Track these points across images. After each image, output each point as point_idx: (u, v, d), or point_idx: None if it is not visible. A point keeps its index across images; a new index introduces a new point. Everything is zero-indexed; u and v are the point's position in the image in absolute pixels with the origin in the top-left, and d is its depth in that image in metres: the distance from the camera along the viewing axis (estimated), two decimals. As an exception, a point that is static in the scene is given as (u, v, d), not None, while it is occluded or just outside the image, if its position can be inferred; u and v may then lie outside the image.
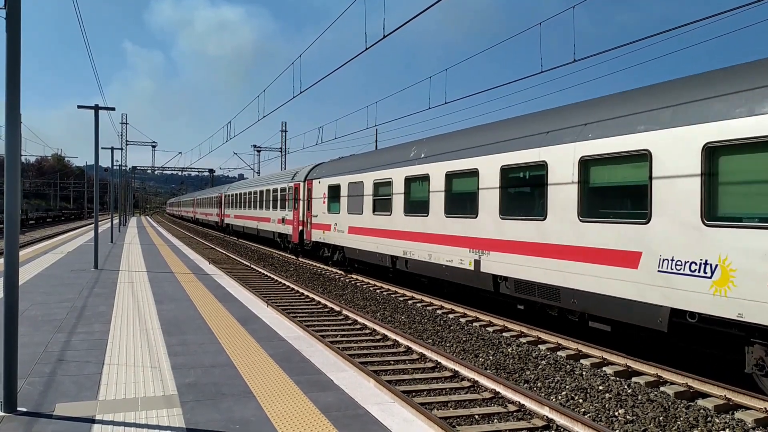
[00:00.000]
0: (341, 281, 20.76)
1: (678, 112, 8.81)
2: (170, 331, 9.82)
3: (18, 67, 5.99)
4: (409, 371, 9.57)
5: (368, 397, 6.61)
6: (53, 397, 6.41)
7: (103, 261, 21.81)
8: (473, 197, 13.73)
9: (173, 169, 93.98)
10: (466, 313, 14.36)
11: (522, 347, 11.19)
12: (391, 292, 18.09)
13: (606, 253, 9.83)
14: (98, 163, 21.69)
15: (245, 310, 12.05)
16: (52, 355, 8.18)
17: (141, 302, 12.73)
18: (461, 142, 14.83)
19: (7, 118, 5.96)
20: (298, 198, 27.97)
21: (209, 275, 18.29)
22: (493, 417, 7.54)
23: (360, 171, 20.68)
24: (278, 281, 20.19)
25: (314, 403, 6.37)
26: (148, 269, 19.45)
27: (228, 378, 7.24)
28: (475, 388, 8.67)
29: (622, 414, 7.73)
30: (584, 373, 9.54)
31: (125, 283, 15.75)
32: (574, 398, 8.35)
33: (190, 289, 15.01)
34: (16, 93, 5.97)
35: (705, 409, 7.99)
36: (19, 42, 6.03)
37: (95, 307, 11.98)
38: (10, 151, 6.01)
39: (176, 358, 8.15)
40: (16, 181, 6.03)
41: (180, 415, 5.92)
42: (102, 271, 18.74)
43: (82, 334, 9.53)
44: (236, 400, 6.42)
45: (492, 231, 12.93)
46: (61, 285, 15.20)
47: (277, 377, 7.31)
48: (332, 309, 14.86)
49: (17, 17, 6.04)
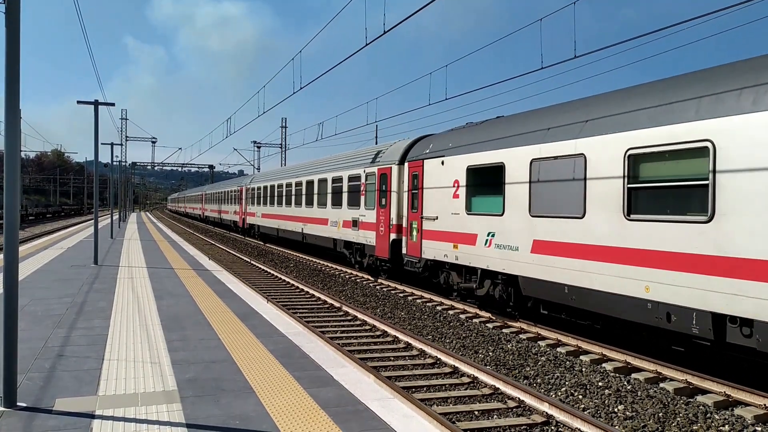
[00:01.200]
0: (341, 277, 20.76)
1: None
2: (170, 327, 9.82)
3: (17, 62, 5.98)
4: (408, 367, 9.57)
5: (368, 393, 6.62)
6: (53, 392, 6.41)
7: (103, 257, 21.81)
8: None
9: (173, 165, 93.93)
10: (466, 309, 14.36)
11: (522, 343, 11.20)
12: (391, 288, 18.09)
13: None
14: (98, 158, 21.66)
15: (245, 306, 12.06)
16: (51, 350, 8.18)
17: (141, 298, 12.73)
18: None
19: (6, 114, 5.95)
20: (389, 189, 18.38)
21: (209, 271, 18.29)
22: (492, 413, 7.55)
23: (599, 132, 10.20)
24: (278, 277, 20.19)
25: (314, 398, 6.37)
26: (147, 265, 19.44)
27: (228, 373, 7.24)
28: (474, 384, 8.68)
29: (622, 410, 7.74)
30: (584, 369, 9.55)
31: (125, 279, 15.75)
32: (573, 394, 8.36)
33: (189, 284, 15.02)
34: (15, 88, 5.96)
35: (704, 405, 8.00)
36: (19, 37, 6.01)
37: (95, 303, 11.98)
38: (10, 147, 5.99)
39: (176, 353, 8.15)
40: (15, 176, 6.02)
41: (180, 410, 5.92)
42: (102, 266, 18.73)
43: (81, 329, 9.53)
44: (236, 395, 6.42)
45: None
46: (61, 280, 15.19)
47: (277, 373, 7.31)
48: (332, 305, 14.87)
49: (17, 12, 6.02)
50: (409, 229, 16.85)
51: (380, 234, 18.84)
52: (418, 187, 16.39)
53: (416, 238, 16.21)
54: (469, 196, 14.00)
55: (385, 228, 18.50)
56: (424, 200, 15.93)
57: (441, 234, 15.01)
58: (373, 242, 19.41)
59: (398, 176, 18.04)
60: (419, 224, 16.14)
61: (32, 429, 5.37)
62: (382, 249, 18.65)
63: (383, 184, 18.85)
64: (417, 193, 16.39)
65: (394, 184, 18.16)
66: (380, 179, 19.05)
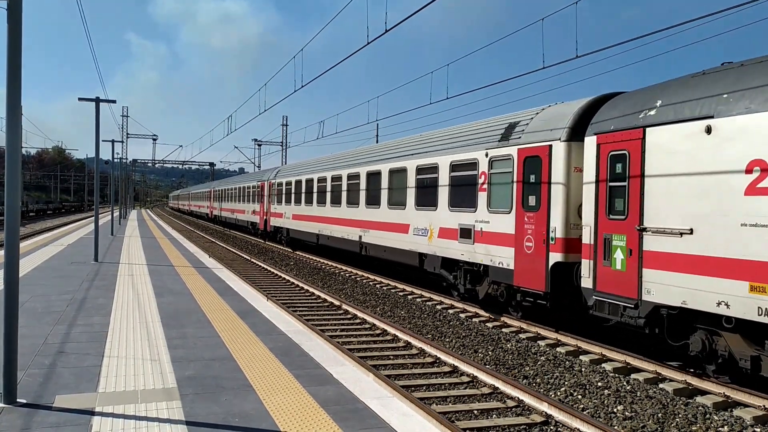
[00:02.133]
0: (341, 276, 20.76)
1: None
2: (170, 324, 9.83)
3: (19, 58, 5.98)
4: (408, 366, 9.58)
5: (367, 392, 6.63)
6: (53, 388, 6.42)
7: (104, 254, 21.82)
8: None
9: (174, 163, 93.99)
10: (466, 308, 14.36)
11: (521, 343, 11.20)
12: (391, 287, 18.10)
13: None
14: (99, 155, 21.68)
15: (245, 304, 12.07)
16: (52, 347, 8.19)
17: (141, 295, 12.74)
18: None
19: (8, 111, 5.95)
20: (547, 180, 11.86)
21: (209, 269, 18.31)
22: (492, 412, 7.55)
23: None
24: (278, 275, 20.19)
25: (314, 396, 6.38)
26: (148, 262, 19.45)
27: (228, 371, 7.25)
28: (474, 383, 8.68)
29: (621, 410, 7.75)
30: (583, 369, 9.56)
31: (125, 276, 15.76)
32: (572, 394, 8.36)
33: (189, 282, 15.03)
34: (17, 85, 5.96)
35: (704, 406, 8.00)
36: (20, 33, 6.01)
37: (95, 300, 11.99)
38: (11, 144, 6.00)
39: (176, 350, 8.16)
40: (16, 173, 6.03)
41: (179, 407, 5.93)
42: (102, 263, 18.74)
43: (82, 326, 9.54)
44: (236, 393, 6.43)
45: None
46: (62, 277, 15.21)
47: (277, 371, 7.32)
48: (332, 303, 14.88)
49: (18, 8, 6.02)
50: (601, 248, 10.16)
51: (526, 252, 11.95)
52: (628, 175, 9.79)
53: (625, 264, 9.70)
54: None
55: (537, 243, 11.67)
56: (649, 198, 9.33)
57: (704, 262, 8.38)
58: (509, 263, 12.36)
59: (566, 160, 11.23)
60: (634, 240, 9.52)
61: (32, 425, 5.38)
62: (532, 276, 11.75)
63: (531, 173, 12.02)
64: (624, 186, 9.85)
65: (557, 173, 11.37)
66: (524, 166, 12.21)
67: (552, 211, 11.40)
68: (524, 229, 12.08)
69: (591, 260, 10.32)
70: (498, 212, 12.89)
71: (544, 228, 11.49)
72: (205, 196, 69.31)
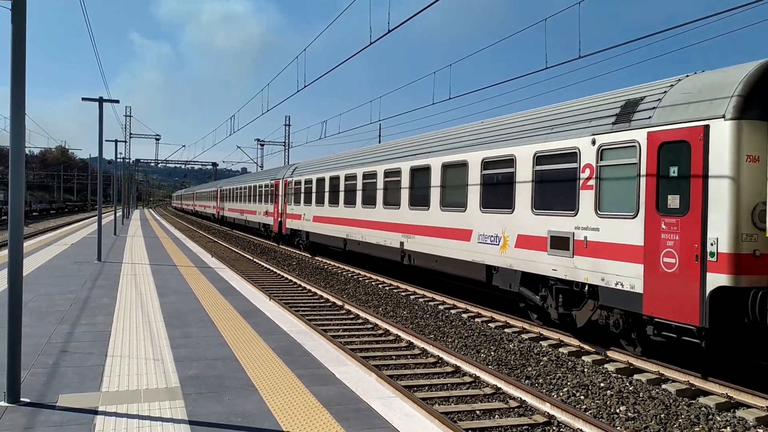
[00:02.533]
0: (343, 276, 20.77)
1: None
2: (173, 324, 9.85)
3: (23, 58, 6.00)
4: (410, 366, 9.58)
5: (370, 392, 6.63)
6: (56, 388, 6.43)
7: (107, 253, 21.86)
8: None
9: (176, 162, 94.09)
10: (468, 308, 14.36)
11: (524, 343, 11.20)
12: (394, 287, 18.10)
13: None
14: (102, 155, 21.71)
15: (248, 304, 12.08)
16: (55, 346, 8.21)
17: (144, 295, 12.76)
18: None
19: (12, 110, 5.97)
20: (704, 173, 8.53)
21: (212, 268, 18.33)
22: (494, 412, 7.55)
23: None
24: (280, 275, 20.21)
25: (316, 396, 6.38)
26: (151, 262, 19.49)
27: (230, 371, 7.26)
28: (476, 383, 8.68)
29: (624, 411, 7.74)
30: (586, 369, 9.55)
31: (128, 276, 15.79)
32: (575, 395, 8.36)
33: (192, 282, 15.05)
34: (21, 85, 5.98)
35: (706, 407, 7.99)
36: (24, 33, 6.03)
37: (98, 299, 12.02)
38: (15, 143, 6.01)
39: (179, 350, 8.17)
40: (20, 172, 6.04)
41: (182, 407, 5.94)
42: (105, 263, 18.78)
43: (85, 325, 9.56)
44: (238, 392, 6.43)
45: None
46: (65, 277, 15.24)
47: (279, 371, 7.33)
48: (334, 303, 14.88)
49: (23, 8, 6.04)
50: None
51: (665, 270, 8.81)
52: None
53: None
54: None
55: (685, 259, 8.52)
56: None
57: None
58: (634, 285, 9.32)
59: (734, 144, 8.21)
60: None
61: (35, 424, 5.40)
62: (677, 304, 8.60)
63: (672, 165, 8.97)
64: None
65: (719, 163, 8.31)
66: (659, 155, 9.13)
67: (710, 216, 8.27)
68: (661, 239, 8.92)
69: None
70: (614, 216, 9.82)
71: (697, 238, 8.37)
72: (212, 195, 65.00)
